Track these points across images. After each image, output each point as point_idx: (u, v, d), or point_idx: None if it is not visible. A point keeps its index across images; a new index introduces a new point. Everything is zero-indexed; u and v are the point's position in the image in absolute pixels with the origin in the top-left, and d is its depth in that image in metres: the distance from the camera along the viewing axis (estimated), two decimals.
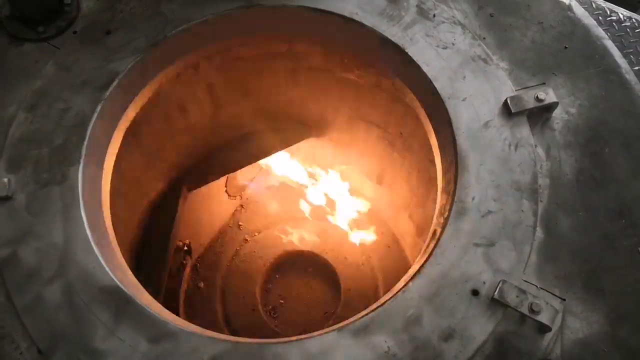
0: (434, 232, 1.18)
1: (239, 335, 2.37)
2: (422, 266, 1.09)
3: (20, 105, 1.24)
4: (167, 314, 1.12)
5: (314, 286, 2.52)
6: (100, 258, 1.10)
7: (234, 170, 2.28)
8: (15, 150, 1.19)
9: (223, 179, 2.36)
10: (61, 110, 1.23)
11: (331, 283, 2.48)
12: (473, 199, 1.15)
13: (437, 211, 1.23)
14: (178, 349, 1.02)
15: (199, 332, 1.05)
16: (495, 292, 1.05)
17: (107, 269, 1.09)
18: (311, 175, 2.52)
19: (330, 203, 2.57)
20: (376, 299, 2.15)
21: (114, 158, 1.33)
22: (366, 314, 1.06)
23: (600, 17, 1.67)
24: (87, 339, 1.02)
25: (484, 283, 1.07)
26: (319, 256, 2.49)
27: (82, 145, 1.20)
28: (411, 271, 1.12)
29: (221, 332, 2.37)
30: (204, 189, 2.20)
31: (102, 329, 1.03)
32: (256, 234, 2.59)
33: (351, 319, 1.06)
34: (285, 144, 2.22)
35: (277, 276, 2.55)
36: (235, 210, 2.60)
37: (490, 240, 1.11)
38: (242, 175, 2.50)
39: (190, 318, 2.39)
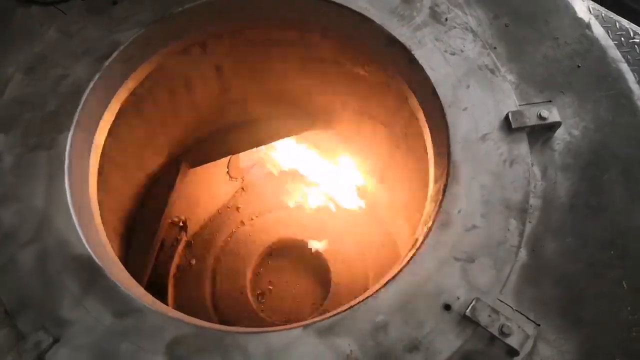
0: (416, 240, 1.16)
1: (224, 316, 2.39)
2: (397, 273, 1.08)
3: (19, 66, 1.24)
4: (137, 291, 1.12)
5: (304, 276, 2.51)
6: (78, 227, 1.10)
7: (237, 152, 2.28)
8: (8, 111, 1.19)
9: (225, 160, 2.36)
10: (58, 77, 1.23)
11: (322, 275, 2.47)
12: (459, 211, 1.12)
13: (422, 219, 1.21)
14: (142, 326, 1.02)
15: (165, 312, 1.05)
16: (468, 309, 1.02)
17: (83, 239, 1.09)
18: (315, 166, 2.51)
19: (332, 196, 2.56)
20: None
21: (107, 129, 1.33)
22: (334, 315, 1.05)
23: (622, 38, 1.61)
24: (54, 306, 1.03)
25: (458, 298, 1.05)
26: (313, 247, 2.48)
27: (75, 113, 1.20)
28: (387, 277, 1.10)
29: (207, 310, 2.39)
30: (204, 167, 2.20)
31: (69, 298, 1.04)
32: (253, 217, 2.59)
33: (318, 318, 1.05)
34: (291, 132, 2.21)
35: (269, 262, 2.55)
36: (236, 193, 2.60)
37: (471, 255, 1.09)
38: (245, 158, 2.49)
39: (178, 293, 2.41)
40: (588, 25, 1.31)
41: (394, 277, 1.07)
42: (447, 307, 1.04)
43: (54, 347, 0.99)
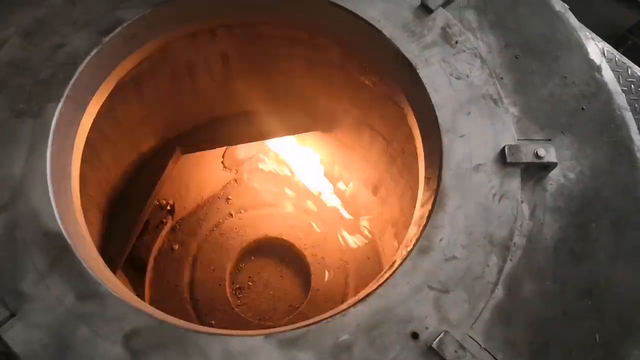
0: (394, 262, 1.14)
1: (199, 306, 2.37)
2: (369, 294, 1.05)
3: (18, 29, 1.22)
4: (105, 274, 1.10)
5: (285, 277, 2.49)
6: (53, 201, 1.08)
7: (234, 143, 2.25)
8: (0, 73, 1.17)
9: (221, 150, 2.33)
10: (56, 45, 1.21)
11: (303, 279, 2.45)
12: (441, 240, 1.10)
13: (403, 241, 1.19)
14: (103, 312, 1.00)
15: (129, 300, 1.03)
16: (435, 341, 1.00)
17: (56, 214, 1.07)
18: (311, 168, 2.49)
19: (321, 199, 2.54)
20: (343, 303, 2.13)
21: (99, 104, 1.31)
22: (299, 327, 1.02)
23: (632, 85, 1.58)
24: (15, 279, 1.00)
25: (427, 328, 1.02)
26: (298, 250, 2.46)
27: (67, 85, 1.18)
28: (357, 296, 1.08)
29: (182, 297, 2.37)
30: (198, 154, 2.17)
31: (33, 273, 1.01)
32: (242, 211, 2.56)
33: (283, 328, 1.03)
34: (291, 130, 2.19)
35: (252, 258, 2.53)
36: (228, 184, 2.57)
37: (446, 286, 1.06)
38: (242, 151, 2.47)
39: (156, 276, 2.39)
40: (599, 69, 1.28)
41: (365, 297, 1.05)
42: (415, 336, 1.02)
43: (9, 322, 0.97)
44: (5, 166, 1.09)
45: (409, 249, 1.11)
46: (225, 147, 2.32)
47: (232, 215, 2.56)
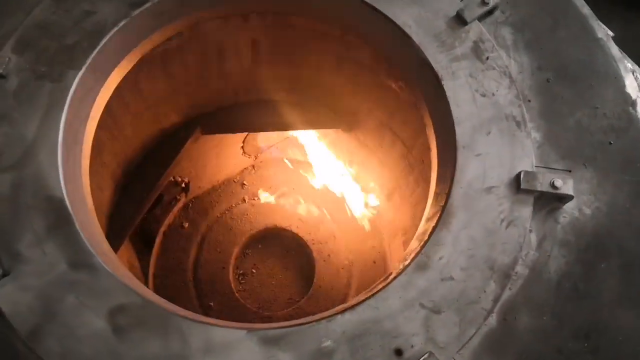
0: (389, 274, 1.12)
1: (200, 286, 2.39)
2: (358, 303, 1.03)
3: None
4: (101, 247, 1.11)
5: (289, 270, 2.49)
6: (60, 167, 1.09)
7: (255, 130, 2.25)
8: (28, 33, 1.18)
9: (241, 135, 2.34)
10: (85, 12, 1.21)
11: (307, 273, 2.44)
12: (440, 258, 1.07)
13: (403, 254, 1.16)
14: (93, 284, 1.01)
15: (120, 277, 1.03)
16: None
17: (62, 180, 1.08)
18: (329, 165, 2.47)
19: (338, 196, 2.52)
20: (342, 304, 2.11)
21: (121, 76, 1.31)
22: (283, 327, 1.01)
23: None
24: (13, 239, 1.02)
25: (412, 346, 1.00)
26: (306, 244, 2.45)
27: (91, 54, 1.18)
28: (347, 304, 1.06)
29: (185, 276, 2.39)
30: (218, 137, 2.18)
31: (31, 236, 1.03)
32: (256, 198, 2.56)
33: (267, 325, 1.02)
34: (313, 125, 2.17)
35: (259, 246, 2.53)
36: (245, 169, 2.57)
37: (438, 306, 1.04)
38: (264, 138, 2.47)
39: (163, 250, 2.41)
40: (633, 103, 1.22)
41: (354, 306, 1.03)
42: (399, 352, 1.00)
43: (1, 281, 0.98)
44: (20, 126, 1.11)
45: (406, 263, 1.09)
46: (246, 133, 2.32)
47: (245, 200, 2.56)
